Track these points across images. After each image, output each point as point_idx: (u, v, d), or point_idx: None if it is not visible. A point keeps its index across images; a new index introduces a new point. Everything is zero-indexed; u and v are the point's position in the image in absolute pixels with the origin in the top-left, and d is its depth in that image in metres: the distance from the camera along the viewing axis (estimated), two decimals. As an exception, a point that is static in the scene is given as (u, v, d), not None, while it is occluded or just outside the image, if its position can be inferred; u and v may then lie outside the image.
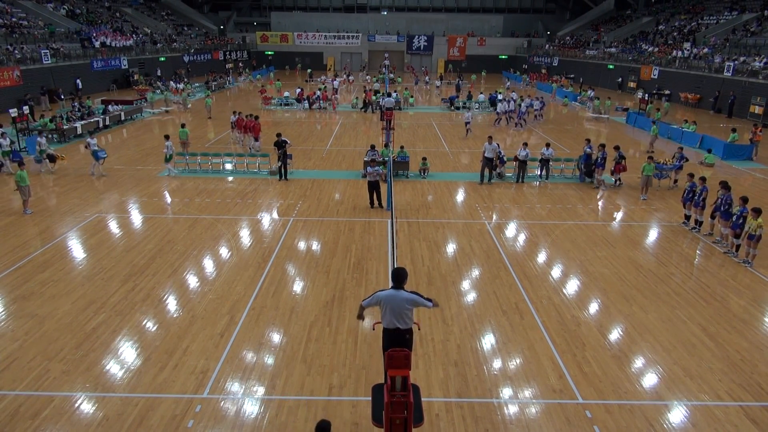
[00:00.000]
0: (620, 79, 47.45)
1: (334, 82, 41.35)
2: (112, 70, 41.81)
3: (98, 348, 8.32)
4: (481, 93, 39.16)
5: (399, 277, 6.37)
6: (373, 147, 18.58)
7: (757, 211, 11.29)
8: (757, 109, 30.85)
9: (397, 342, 6.42)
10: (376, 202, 15.18)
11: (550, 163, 18.32)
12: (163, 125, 28.02)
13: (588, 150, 17.99)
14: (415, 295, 6.37)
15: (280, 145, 17.89)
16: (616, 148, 17.73)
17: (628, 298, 10.24)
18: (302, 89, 36.99)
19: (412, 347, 6.88)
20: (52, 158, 18.33)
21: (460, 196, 16.43)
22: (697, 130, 24.30)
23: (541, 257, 12.15)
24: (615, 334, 8.99)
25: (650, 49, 45.13)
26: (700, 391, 7.57)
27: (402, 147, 19.62)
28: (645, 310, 9.79)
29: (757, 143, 21.88)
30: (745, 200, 11.87)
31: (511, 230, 13.82)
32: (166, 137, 18.17)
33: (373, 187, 14.99)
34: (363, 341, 8.64)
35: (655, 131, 23.36)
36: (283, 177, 17.90)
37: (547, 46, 64.93)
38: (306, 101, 34.41)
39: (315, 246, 12.53)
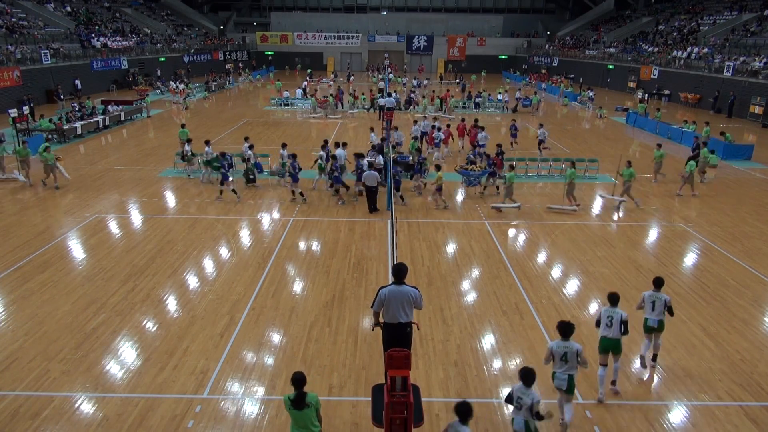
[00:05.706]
0: (608, 79, 50.01)
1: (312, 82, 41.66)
2: (112, 71, 41.82)
3: (98, 348, 8.32)
4: (480, 92, 39.06)
5: (400, 272, 6.53)
6: (374, 147, 18.52)
7: (437, 168, 14.85)
8: (757, 109, 30.86)
9: (399, 336, 6.49)
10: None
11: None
12: (163, 126, 28.01)
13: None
14: (417, 291, 6.53)
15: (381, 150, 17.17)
16: (482, 133, 19.05)
17: (628, 298, 10.22)
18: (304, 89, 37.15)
19: (411, 345, 6.91)
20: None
21: (459, 196, 16.43)
22: (697, 129, 24.25)
23: (541, 257, 12.15)
24: (615, 334, 8.98)
25: (650, 49, 45.12)
26: (700, 391, 7.57)
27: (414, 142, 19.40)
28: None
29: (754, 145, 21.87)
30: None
31: (511, 230, 13.82)
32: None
33: (372, 193, 14.67)
34: (363, 341, 8.64)
35: (707, 132, 22.48)
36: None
37: (547, 46, 64.88)
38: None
39: (315, 246, 12.53)
